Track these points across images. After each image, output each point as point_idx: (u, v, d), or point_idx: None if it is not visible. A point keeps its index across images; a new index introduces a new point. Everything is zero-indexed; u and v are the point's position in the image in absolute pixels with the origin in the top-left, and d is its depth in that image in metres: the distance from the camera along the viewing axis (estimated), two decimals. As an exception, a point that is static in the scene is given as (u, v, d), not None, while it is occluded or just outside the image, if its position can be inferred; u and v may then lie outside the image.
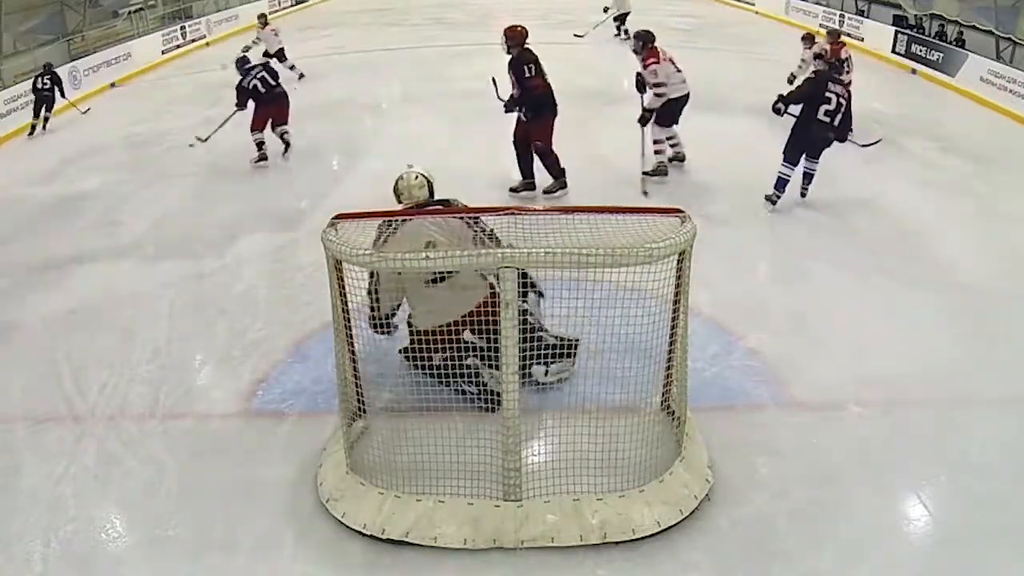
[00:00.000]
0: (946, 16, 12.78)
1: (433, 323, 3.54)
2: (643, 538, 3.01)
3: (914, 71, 12.26)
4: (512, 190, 6.69)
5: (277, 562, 3.01)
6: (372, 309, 3.65)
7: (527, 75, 6.17)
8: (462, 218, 3.43)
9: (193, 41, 15.05)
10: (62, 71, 11.26)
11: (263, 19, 11.37)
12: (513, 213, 3.32)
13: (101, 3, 14.55)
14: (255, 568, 3.00)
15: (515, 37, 6.26)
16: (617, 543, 2.99)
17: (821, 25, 15.60)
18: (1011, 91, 9.97)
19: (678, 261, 3.07)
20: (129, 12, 15.08)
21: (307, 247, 5.64)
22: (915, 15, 13.74)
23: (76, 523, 3.22)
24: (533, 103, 6.25)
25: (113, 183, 7.59)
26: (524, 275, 3.71)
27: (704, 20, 17.32)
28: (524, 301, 3.72)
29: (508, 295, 2.88)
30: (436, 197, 4.00)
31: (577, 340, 3.82)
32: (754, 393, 3.97)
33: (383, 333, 3.77)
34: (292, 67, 10.97)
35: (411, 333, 3.79)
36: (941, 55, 11.75)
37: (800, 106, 6.06)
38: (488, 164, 7.25)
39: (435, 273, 3.53)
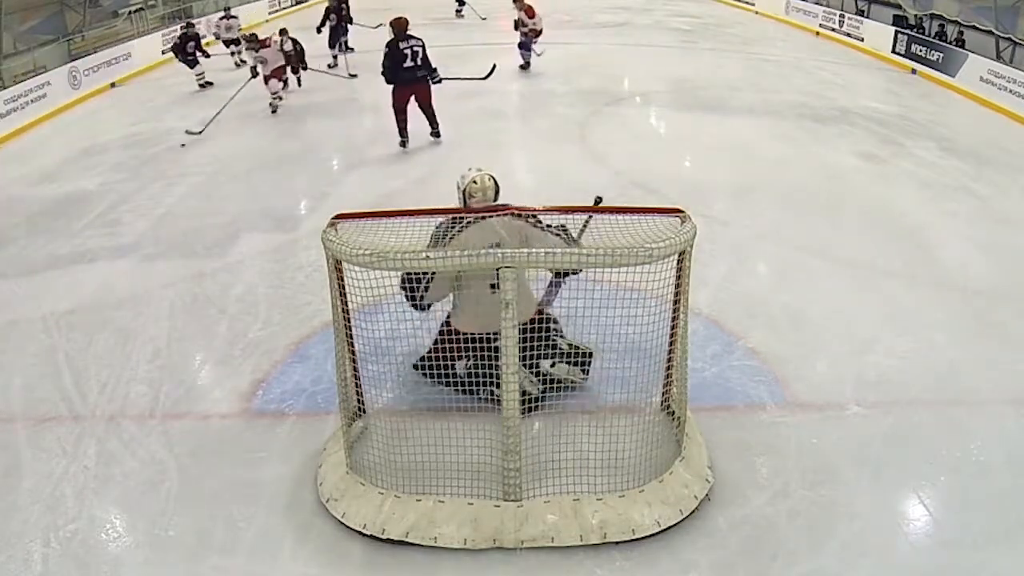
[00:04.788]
0: (946, 16, 12.79)
1: (478, 327, 3.43)
2: (643, 538, 3.01)
3: (914, 71, 12.27)
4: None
5: (277, 562, 3.01)
6: (414, 290, 3.50)
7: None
8: (523, 216, 3.41)
9: (193, 41, 15.01)
10: (61, 71, 11.23)
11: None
12: (513, 213, 3.34)
13: (101, 3, 14.53)
14: (255, 568, 3.00)
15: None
16: (617, 543, 2.99)
17: (821, 25, 15.62)
18: (1011, 91, 9.98)
19: (678, 261, 3.07)
20: (129, 12, 15.06)
21: (307, 247, 5.65)
22: (915, 15, 13.74)
23: (76, 523, 3.22)
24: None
25: (113, 183, 7.58)
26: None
27: (704, 20, 17.32)
28: (555, 287, 3.71)
29: (508, 295, 2.88)
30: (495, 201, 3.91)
31: (591, 353, 3.77)
32: (754, 393, 3.97)
33: (421, 309, 3.63)
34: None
35: (444, 333, 3.70)
36: (941, 55, 11.76)
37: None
38: (488, 164, 7.23)
39: None
